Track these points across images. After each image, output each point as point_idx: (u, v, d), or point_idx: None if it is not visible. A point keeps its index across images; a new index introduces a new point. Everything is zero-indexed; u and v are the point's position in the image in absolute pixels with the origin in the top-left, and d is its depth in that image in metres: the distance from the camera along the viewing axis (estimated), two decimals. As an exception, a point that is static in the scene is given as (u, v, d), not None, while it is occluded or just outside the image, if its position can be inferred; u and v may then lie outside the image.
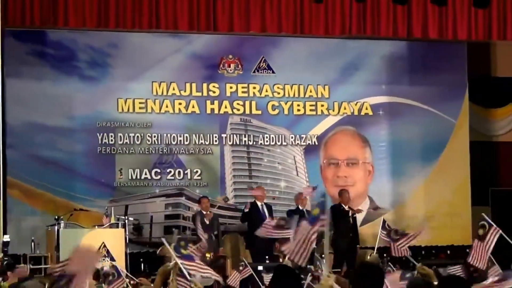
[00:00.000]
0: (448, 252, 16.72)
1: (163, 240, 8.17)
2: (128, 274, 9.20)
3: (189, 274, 6.64)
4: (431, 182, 17.30)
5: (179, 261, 6.69)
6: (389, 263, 9.79)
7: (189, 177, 16.29)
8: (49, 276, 9.30)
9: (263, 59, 16.73)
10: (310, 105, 16.93)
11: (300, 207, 15.18)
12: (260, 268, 12.47)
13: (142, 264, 15.20)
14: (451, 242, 16.95)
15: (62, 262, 7.89)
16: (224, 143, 16.53)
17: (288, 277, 4.90)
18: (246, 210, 14.98)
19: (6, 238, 13.22)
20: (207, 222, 14.59)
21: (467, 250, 16.85)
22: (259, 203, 15.19)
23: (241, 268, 9.30)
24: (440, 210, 17.14)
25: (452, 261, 12.19)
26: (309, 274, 7.63)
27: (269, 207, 15.29)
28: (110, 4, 14.74)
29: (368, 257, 8.35)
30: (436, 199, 17.22)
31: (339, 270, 13.62)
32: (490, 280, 7.44)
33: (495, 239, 8.06)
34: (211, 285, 8.86)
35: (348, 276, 6.71)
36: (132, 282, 8.34)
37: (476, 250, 8.11)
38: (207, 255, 14.19)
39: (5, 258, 10.88)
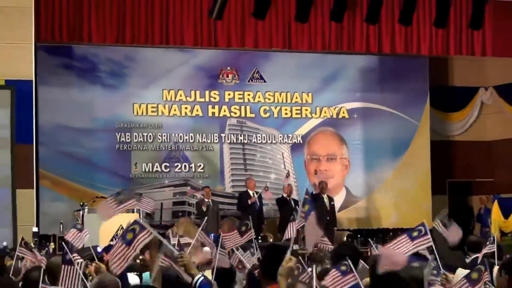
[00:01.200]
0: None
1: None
2: None
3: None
4: (398, 174, 17.46)
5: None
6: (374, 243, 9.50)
7: (193, 170, 16.42)
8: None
9: (256, 70, 16.85)
10: (296, 109, 17.06)
11: (286, 196, 15.37)
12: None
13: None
14: (414, 225, 16.97)
15: None
16: (223, 141, 16.65)
17: (279, 255, 4.94)
18: (250, 202, 15.04)
19: (35, 229, 13.19)
20: (204, 209, 14.70)
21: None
22: (250, 192, 15.30)
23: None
24: (405, 198, 17.24)
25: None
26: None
27: (259, 195, 15.37)
28: (126, 23, 14.95)
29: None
30: (402, 189, 17.32)
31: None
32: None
33: None
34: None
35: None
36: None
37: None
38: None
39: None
